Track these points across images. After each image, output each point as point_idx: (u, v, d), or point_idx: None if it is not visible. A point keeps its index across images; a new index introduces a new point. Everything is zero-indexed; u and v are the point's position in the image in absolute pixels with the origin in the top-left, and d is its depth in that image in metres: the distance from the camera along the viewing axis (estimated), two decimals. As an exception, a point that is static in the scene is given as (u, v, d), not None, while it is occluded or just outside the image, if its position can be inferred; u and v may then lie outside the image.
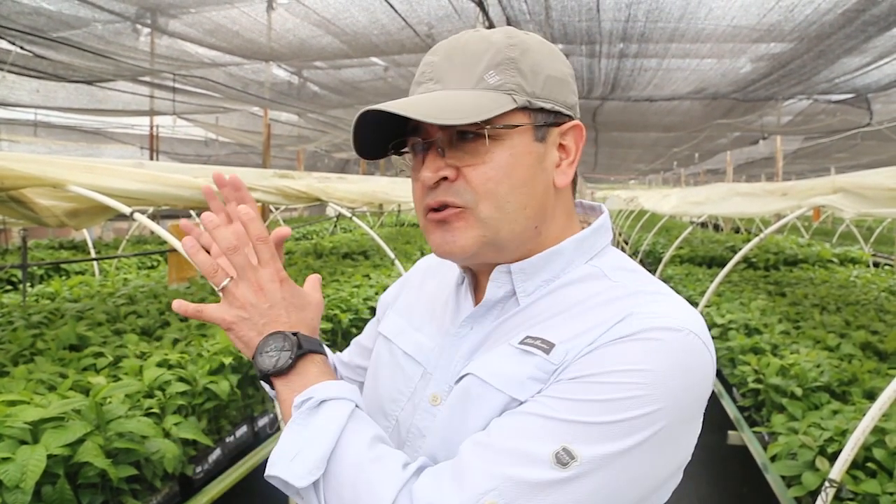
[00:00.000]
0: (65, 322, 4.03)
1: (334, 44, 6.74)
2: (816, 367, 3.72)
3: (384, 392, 0.98)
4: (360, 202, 7.73)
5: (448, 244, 0.86)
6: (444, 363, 0.92)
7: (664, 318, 0.78)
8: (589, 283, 0.87)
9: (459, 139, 0.84)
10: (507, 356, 0.83)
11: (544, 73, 0.86)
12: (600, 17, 5.53)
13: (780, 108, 9.96)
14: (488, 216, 0.84)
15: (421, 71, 0.89)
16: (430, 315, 1.00)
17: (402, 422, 0.93)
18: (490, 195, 0.83)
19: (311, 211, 22.07)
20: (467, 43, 0.86)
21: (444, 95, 0.83)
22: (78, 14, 5.56)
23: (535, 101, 0.84)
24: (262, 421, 3.66)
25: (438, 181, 0.84)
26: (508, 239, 0.86)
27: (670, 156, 20.72)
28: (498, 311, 0.91)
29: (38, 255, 9.56)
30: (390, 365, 1.00)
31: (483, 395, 0.82)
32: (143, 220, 3.42)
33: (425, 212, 0.87)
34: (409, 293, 1.09)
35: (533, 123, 0.85)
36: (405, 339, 1.00)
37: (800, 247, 10.28)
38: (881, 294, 6.45)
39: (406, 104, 0.81)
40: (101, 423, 2.43)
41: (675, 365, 0.75)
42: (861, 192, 3.71)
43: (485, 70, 0.83)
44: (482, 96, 0.82)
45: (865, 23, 4.92)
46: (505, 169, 0.83)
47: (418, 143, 0.87)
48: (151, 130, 11.72)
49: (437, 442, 0.86)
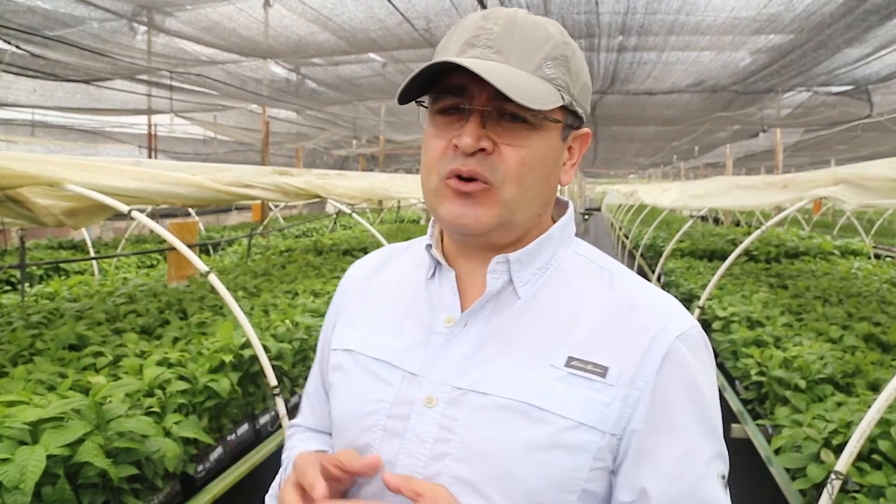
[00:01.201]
0: (64, 322, 4.02)
1: (332, 40, 6.72)
2: (820, 359, 3.71)
3: (359, 406, 0.93)
4: (359, 199, 7.72)
5: (467, 217, 0.85)
6: (441, 364, 0.88)
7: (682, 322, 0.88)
8: (580, 270, 0.92)
9: (501, 116, 0.83)
10: (557, 379, 0.84)
11: (583, 79, 0.90)
12: (599, 10, 5.51)
13: (779, 100, 9.94)
14: (510, 198, 0.85)
15: (474, 33, 0.85)
16: (399, 317, 0.96)
17: (392, 429, 0.89)
18: (519, 179, 0.84)
19: (310, 208, 22.06)
20: (525, 24, 0.85)
21: (513, 72, 0.82)
22: (73, 12, 5.53)
23: (573, 104, 0.88)
24: (263, 419, 3.65)
25: (476, 151, 0.83)
26: (521, 223, 0.88)
27: (670, 149, 20.70)
28: (493, 305, 0.90)
29: (37, 255, 9.54)
30: (359, 376, 0.95)
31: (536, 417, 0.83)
32: (141, 218, 3.40)
33: (448, 175, 0.85)
34: (356, 303, 1.04)
35: (564, 122, 0.88)
36: (372, 347, 0.95)
37: (801, 239, 10.27)
38: (883, 286, 6.43)
39: (489, 71, 0.78)
40: (101, 422, 2.41)
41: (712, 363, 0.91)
42: (863, 184, 3.69)
43: (544, 59, 0.84)
44: (542, 85, 0.83)
45: (866, 12, 4.89)
46: (538, 158, 0.86)
47: (460, 105, 0.84)
48: (149, 129, 11.69)
49: (460, 452, 0.85)
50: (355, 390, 0.95)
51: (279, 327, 4.06)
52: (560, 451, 0.81)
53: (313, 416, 1.13)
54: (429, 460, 0.85)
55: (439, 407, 0.86)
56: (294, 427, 1.16)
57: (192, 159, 15.21)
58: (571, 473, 0.81)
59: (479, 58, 0.82)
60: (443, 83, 0.84)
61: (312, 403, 1.13)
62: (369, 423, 0.91)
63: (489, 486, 0.82)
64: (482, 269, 0.91)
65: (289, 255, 8.21)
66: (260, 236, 10.90)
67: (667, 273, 8.18)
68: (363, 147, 18.24)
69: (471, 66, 0.78)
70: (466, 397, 0.85)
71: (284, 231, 13.27)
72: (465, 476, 0.83)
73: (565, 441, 0.81)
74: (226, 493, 3.00)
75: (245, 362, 3.47)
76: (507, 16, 0.85)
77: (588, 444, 0.82)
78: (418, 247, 1.03)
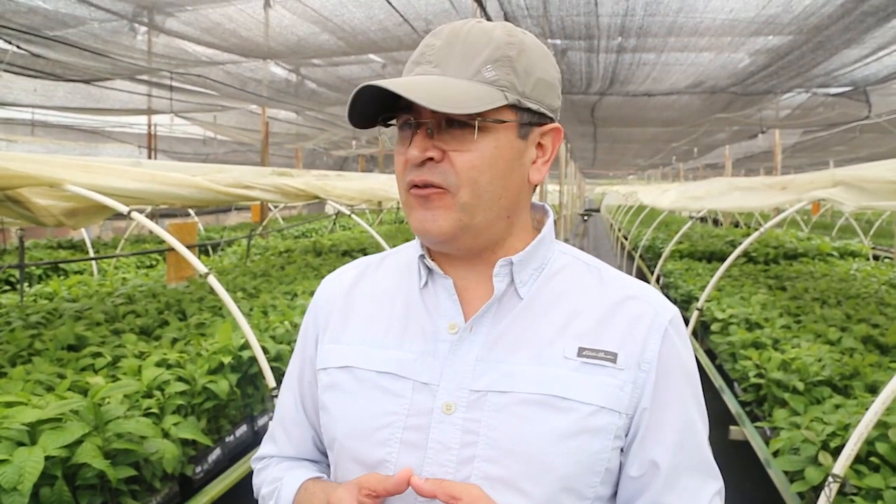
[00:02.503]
0: (63, 322, 4.02)
1: (332, 41, 6.72)
2: (818, 361, 3.71)
3: (368, 421, 0.91)
4: (358, 200, 7.71)
5: (428, 222, 0.88)
6: (453, 370, 0.89)
7: (669, 308, 0.95)
8: (572, 268, 0.97)
9: (449, 124, 0.87)
10: (573, 369, 0.89)
11: (536, 75, 0.90)
12: (598, 12, 5.51)
13: (778, 101, 9.94)
14: (467, 202, 0.87)
15: (420, 51, 0.91)
16: (398, 328, 0.95)
17: (410, 441, 0.89)
18: (471, 182, 0.87)
19: (310, 209, 22.06)
20: (469, 33, 0.88)
21: (442, 82, 0.86)
22: (74, 13, 5.53)
23: (523, 101, 0.89)
24: (261, 420, 3.65)
25: (424, 160, 0.87)
26: (483, 226, 0.90)
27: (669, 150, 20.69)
28: (495, 308, 0.92)
29: (37, 255, 9.54)
30: (363, 391, 0.93)
31: (561, 407, 0.87)
32: (141, 219, 3.41)
33: (408, 187, 0.90)
34: (339, 319, 1.01)
35: (518, 121, 0.89)
36: (374, 361, 0.94)
37: (799, 241, 10.27)
38: (881, 287, 6.44)
39: (409, 85, 0.83)
40: (100, 423, 2.41)
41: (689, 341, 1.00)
42: (861, 185, 3.69)
43: (482, 63, 0.86)
44: (478, 88, 0.86)
45: (864, 13, 4.90)
46: (488, 160, 0.87)
47: (409, 120, 0.89)
48: (149, 129, 11.70)
49: (489, 452, 0.86)
50: (360, 406, 0.93)
51: (278, 328, 4.07)
52: (586, 435, 0.87)
53: (291, 444, 1.08)
54: (457, 466, 0.86)
55: (459, 412, 0.88)
56: (266, 459, 1.10)
57: (191, 159, 15.21)
58: (597, 455, 0.87)
59: (422, 74, 0.88)
60: (401, 103, 0.88)
61: (289, 430, 1.08)
62: (383, 437, 0.90)
63: (522, 479, 0.85)
64: (471, 274, 0.95)
65: (288, 256, 8.22)
66: (259, 237, 10.91)
67: (666, 274, 8.19)
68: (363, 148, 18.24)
69: (388, 86, 0.82)
70: (487, 398, 0.87)
71: (284, 232, 13.27)
72: (496, 474, 0.86)
73: (590, 426, 0.87)
74: (224, 495, 3.00)
75: (244, 364, 3.47)
76: (451, 29, 0.89)
77: (609, 426, 0.88)
78: (396, 258, 1.04)
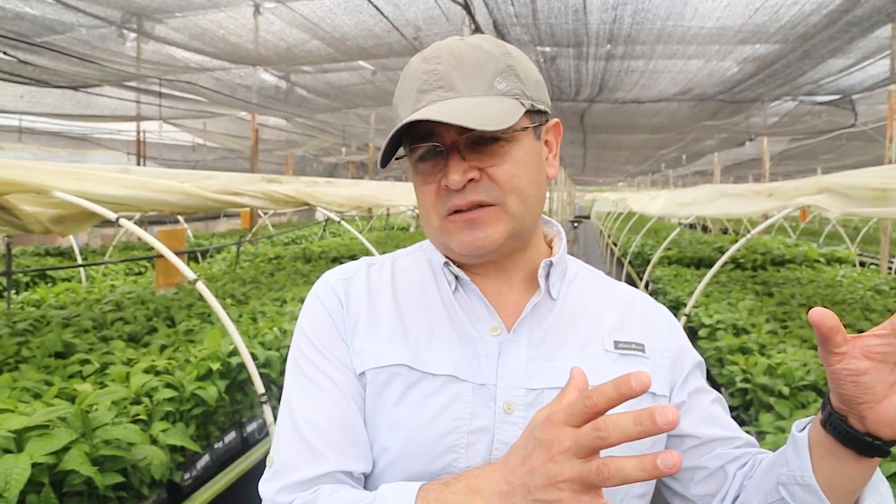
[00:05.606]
0: (50, 329, 4.00)
1: (321, 47, 6.75)
2: (803, 366, 3.74)
3: (429, 427, 0.88)
4: (348, 206, 7.71)
5: (480, 240, 0.89)
6: (506, 371, 0.90)
7: (660, 304, 1.07)
8: (583, 273, 1.04)
9: (475, 143, 0.88)
10: (614, 361, 0.94)
11: (533, 77, 0.93)
12: (587, 19, 5.56)
13: (766, 109, 10.05)
14: (516, 209, 0.90)
15: (423, 79, 0.89)
16: (440, 330, 0.93)
17: (474, 444, 0.87)
18: (516, 190, 0.89)
19: (299, 215, 22.02)
20: (463, 53, 0.89)
21: (467, 103, 0.86)
22: (62, 19, 5.53)
23: (534, 104, 0.92)
24: (250, 426, 3.64)
25: (465, 183, 0.87)
26: (529, 227, 0.94)
27: (658, 157, 20.84)
28: (531, 308, 0.94)
29: (24, 262, 9.47)
30: (421, 396, 0.89)
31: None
32: (129, 225, 3.40)
33: (448, 213, 0.89)
34: (369, 316, 0.96)
35: (532, 124, 0.93)
36: (430, 363, 0.91)
37: (787, 247, 10.34)
38: (867, 293, 6.49)
39: (451, 112, 0.83)
40: (87, 430, 2.40)
41: None
42: (846, 192, 3.74)
43: (492, 77, 0.88)
44: (500, 102, 0.87)
45: (849, 23, 4.97)
46: (522, 165, 0.90)
47: (433, 149, 0.89)
48: (138, 136, 11.65)
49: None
50: (419, 412, 0.89)
51: (267, 335, 4.06)
52: None
53: (358, 451, 0.90)
54: None
55: (518, 411, 0.89)
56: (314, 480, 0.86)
57: (180, 166, 15.16)
58: (654, 438, 0.92)
59: (435, 101, 0.87)
60: (413, 134, 0.89)
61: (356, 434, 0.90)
62: (448, 443, 0.87)
63: None
64: (496, 279, 0.98)
65: (277, 263, 8.20)
66: (249, 244, 10.87)
67: (654, 280, 8.22)
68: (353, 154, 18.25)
69: (432, 117, 0.82)
70: (544, 396, 0.89)
71: (273, 238, 13.24)
72: None
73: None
74: (213, 501, 2.99)
75: (233, 370, 3.46)
76: (447, 51, 0.89)
77: None
78: (406, 262, 1.03)
